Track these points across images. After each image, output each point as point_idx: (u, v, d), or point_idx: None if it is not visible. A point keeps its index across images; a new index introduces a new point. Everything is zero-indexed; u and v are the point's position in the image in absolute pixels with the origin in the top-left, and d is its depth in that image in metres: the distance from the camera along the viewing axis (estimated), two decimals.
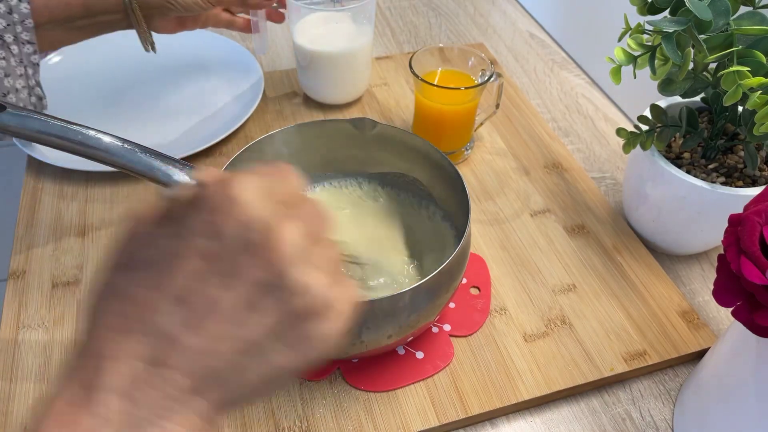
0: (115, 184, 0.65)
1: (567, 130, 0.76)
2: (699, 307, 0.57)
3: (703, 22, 0.45)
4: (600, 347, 0.52)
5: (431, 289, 0.44)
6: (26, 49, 0.53)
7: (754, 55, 0.45)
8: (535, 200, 0.65)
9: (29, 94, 0.57)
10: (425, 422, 0.47)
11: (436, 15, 0.95)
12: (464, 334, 0.52)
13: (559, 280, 0.57)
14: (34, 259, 0.58)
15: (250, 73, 0.77)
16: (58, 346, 0.51)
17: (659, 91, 0.52)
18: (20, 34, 0.52)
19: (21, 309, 0.54)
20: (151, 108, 0.74)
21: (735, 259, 0.35)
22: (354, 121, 0.55)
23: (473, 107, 0.65)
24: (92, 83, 0.76)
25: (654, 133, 0.55)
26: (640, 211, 0.60)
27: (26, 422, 0.47)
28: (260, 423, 0.47)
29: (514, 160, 0.70)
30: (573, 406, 0.50)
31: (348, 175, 0.59)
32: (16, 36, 0.52)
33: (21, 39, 0.52)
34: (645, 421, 0.49)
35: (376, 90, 0.79)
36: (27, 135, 0.45)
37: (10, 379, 0.49)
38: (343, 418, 0.47)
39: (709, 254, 0.62)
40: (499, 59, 0.87)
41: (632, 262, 0.59)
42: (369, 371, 0.49)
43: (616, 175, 0.70)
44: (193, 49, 0.80)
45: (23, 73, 0.54)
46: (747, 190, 0.52)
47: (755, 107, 0.45)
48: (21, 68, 0.54)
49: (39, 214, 0.62)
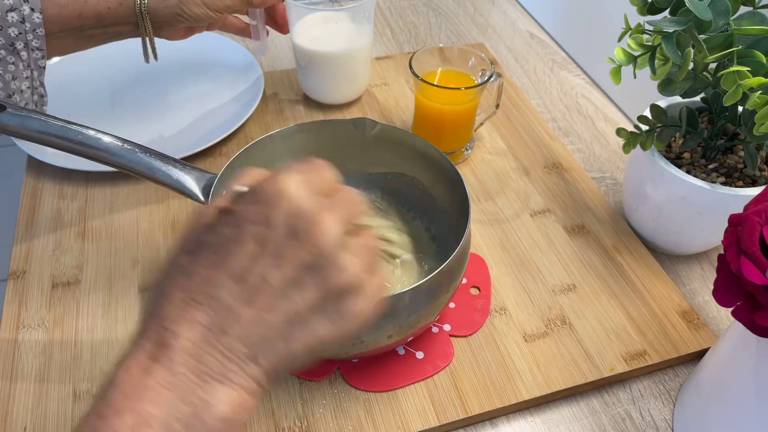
0: (115, 184, 0.65)
1: (567, 130, 0.76)
2: (699, 307, 0.57)
3: (703, 22, 0.45)
4: (600, 347, 0.52)
5: (431, 289, 0.44)
6: (35, 54, 0.54)
7: (754, 55, 0.45)
8: (535, 200, 0.65)
9: (32, 93, 0.57)
10: (425, 422, 0.47)
11: (436, 15, 0.95)
12: (464, 334, 0.52)
13: (559, 280, 0.57)
14: (34, 259, 0.58)
15: (250, 73, 0.77)
16: (58, 346, 0.51)
17: (659, 91, 0.52)
18: (31, 41, 0.53)
19: (21, 309, 0.54)
20: (151, 108, 0.74)
21: (735, 259, 0.35)
22: (354, 121, 0.54)
23: (473, 107, 0.65)
24: (92, 83, 0.76)
25: (654, 133, 0.55)
26: (640, 211, 0.60)
27: (26, 423, 0.47)
28: (260, 423, 0.47)
29: (514, 160, 0.70)
30: (573, 406, 0.50)
31: (348, 175, 0.59)
32: (26, 43, 0.52)
33: (31, 46, 0.53)
34: (645, 421, 0.49)
35: (376, 90, 0.79)
36: (27, 135, 0.45)
37: (10, 379, 0.49)
38: (343, 418, 0.47)
39: (709, 254, 0.62)
40: (499, 59, 0.87)
41: (632, 262, 0.59)
42: (369, 371, 0.49)
43: (616, 175, 0.70)
44: (193, 49, 0.80)
45: (29, 75, 0.55)
46: (747, 190, 0.52)
47: (755, 107, 0.45)
48: (28, 71, 0.54)
49: (39, 214, 0.62)
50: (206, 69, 0.79)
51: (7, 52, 0.52)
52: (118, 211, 0.62)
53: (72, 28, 0.56)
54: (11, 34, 0.51)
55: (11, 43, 0.52)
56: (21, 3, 0.51)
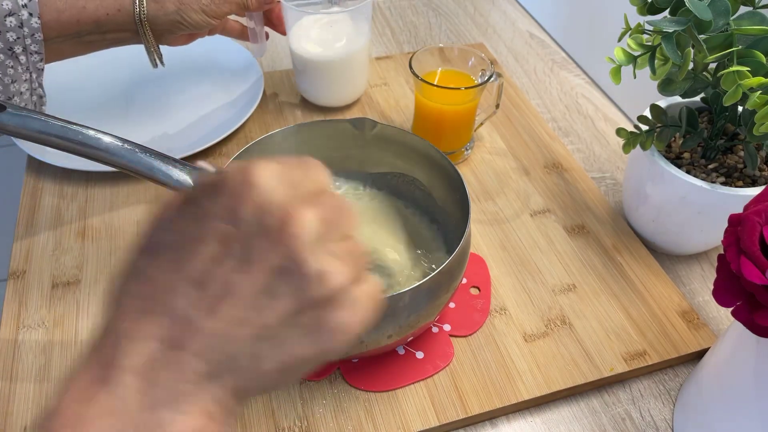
0: (115, 184, 0.65)
1: (567, 130, 0.76)
2: (699, 307, 0.57)
3: (703, 22, 0.45)
4: (600, 347, 0.52)
5: (431, 289, 0.44)
6: (33, 58, 0.54)
7: (754, 55, 0.45)
8: (535, 200, 0.65)
9: (31, 94, 0.57)
10: (425, 422, 0.47)
11: (436, 15, 0.95)
12: (464, 334, 0.52)
13: (559, 280, 0.57)
14: (34, 259, 0.58)
15: (250, 73, 0.77)
16: (58, 346, 0.51)
17: (659, 91, 0.52)
18: (29, 45, 0.53)
19: (21, 309, 0.54)
20: (151, 108, 0.74)
21: (735, 259, 0.35)
22: (354, 121, 0.54)
23: (473, 107, 0.65)
24: (92, 83, 0.76)
25: (654, 133, 0.55)
26: (640, 211, 0.60)
27: (26, 423, 0.47)
28: (260, 423, 0.47)
29: (514, 160, 0.70)
30: (573, 406, 0.50)
31: (348, 175, 0.59)
32: (25, 47, 0.53)
33: (30, 50, 0.53)
34: (645, 421, 0.49)
35: (376, 90, 0.79)
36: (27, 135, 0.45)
37: (10, 379, 0.49)
38: (343, 418, 0.47)
39: (709, 254, 0.62)
40: (499, 59, 0.87)
41: (632, 262, 0.59)
42: (369, 371, 0.49)
43: (616, 175, 0.70)
44: (193, 50, 0.80)
45: (28, 78, 0.55)
46: (747, 190, 0.52)
47: (755, 107, 0.45)
48: (27, 74, 0.54)
49: (39, 214, 0.62)
50: (207, 69, 0.79)
51: (5, 56, 0.52)
52: (118, 211, 0.62)
53: (70, 34, 0.56)
54: (10, 38, 0.51)
55: (10, 48, 0.52)
56: (19, 8, 0.51)
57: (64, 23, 0.55)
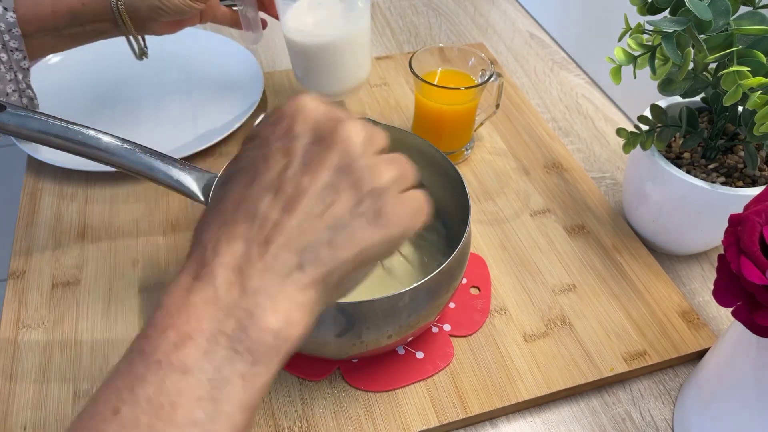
0: (115, 184, 0.65)
1: (567, 130, 0.76)
2: (699, 307, 0.57)
3: (703, 22, 0.45)
4: (600, 347, 0.52)
5: (431, 289, 0.44)
6: (15, 56, 0.53)
7: (754, 55, 0.45)
8: (535, 200, 0.65)
9: (20, 96, 0.57)
10: (425, 422, 0.47)
11: (436, 15, 0.95)
12: (464, 334, 0.52)
13: (559, 280, 0.57)
14: (34, 259, 0.58)
15: (250, 73, 0.77)
16: (58, 346, 0.51)
17: (659, 91, 0.52)
18: (8, 42, 0.52)
19: (21, 309, 0.54)
20: (151, 108, 0.74)
21: (735, 259, 0.35)
22: None
23: (473, 107, 0.65)
24: (92, 84, 0.76)
25: (654, 133, 0.55)
26: (640, 211, 0.60)
27: (26, 423, 0.47)
28: (260, 423, 0.47)
29: (514, 160, 0.70)
30: (573, 406, 0.50)
31: None
32: (4, 44, 0.52)
33: (9, 47, 0.52)
34: (645, 421, 0.49)
35: (376, 90, 0.79)
36: (27, 135, 0.45)
37: (10, 379, 0.49)
38: (343, 418, 0.47)
39: (709, 254, 0.62)
40: (499, 59, 0.87)
41: (632, 262, 0.59)
42: (369, 371, 0.49)
43: (616, 175, 0.70)
44: (192, 49, 0.80)
45: (13, 78, 0.54)
46: (747, 190, 0.52)
47: (755, 107, 0.45)
48: (11, 74, 0.54)
49: (39, 214, 0.62)
50: (206, 69, 0.79)
51: None
52: (118, 211, 0.62)
53: (49, 27, 0.55)
54: None
55: None
56: None
57: (40, 15, 0.54)
